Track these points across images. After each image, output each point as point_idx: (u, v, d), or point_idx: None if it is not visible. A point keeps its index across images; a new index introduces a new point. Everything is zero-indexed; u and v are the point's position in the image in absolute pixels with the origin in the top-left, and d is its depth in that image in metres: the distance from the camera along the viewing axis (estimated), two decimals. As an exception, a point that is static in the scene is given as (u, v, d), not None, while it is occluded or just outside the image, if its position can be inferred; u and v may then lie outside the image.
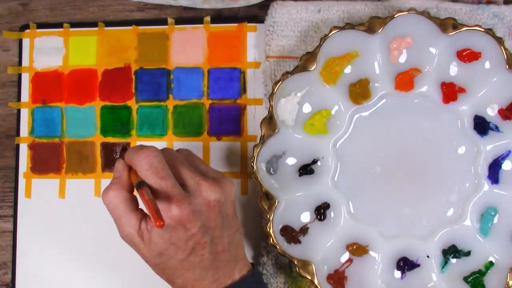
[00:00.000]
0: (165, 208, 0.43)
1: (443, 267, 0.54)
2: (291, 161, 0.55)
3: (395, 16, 0.53)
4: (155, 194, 0.44)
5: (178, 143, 0.60)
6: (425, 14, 0.53)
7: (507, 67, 0.53)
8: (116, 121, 0.61)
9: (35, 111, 0.62)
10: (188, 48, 0.61)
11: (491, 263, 0.53)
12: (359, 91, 0.55)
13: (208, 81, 0.60)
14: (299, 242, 0.54)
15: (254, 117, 0.59)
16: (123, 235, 0.46)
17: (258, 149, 0.54)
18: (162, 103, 0.61)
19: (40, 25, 0.63)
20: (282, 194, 0.54)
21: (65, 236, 0.60)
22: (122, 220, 0.45)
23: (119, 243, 0.59)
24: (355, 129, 0.55)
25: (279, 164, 0.54)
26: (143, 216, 0.46)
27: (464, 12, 0.57)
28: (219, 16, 0.61)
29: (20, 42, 0.63)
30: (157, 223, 0.40)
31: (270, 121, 0.54)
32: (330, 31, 0.54)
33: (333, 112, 0.55)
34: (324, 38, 0.54)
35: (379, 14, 0.57)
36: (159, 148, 0.46)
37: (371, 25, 0.54)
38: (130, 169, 0.46)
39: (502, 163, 0.54)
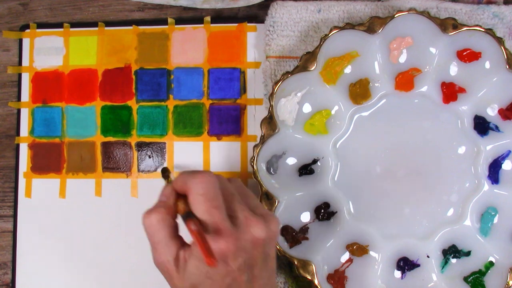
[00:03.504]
0: (210, 240, 0.41)
1: (443, 267, 0.54)
2: (291, 161, 0.55)
3: (395, 16, 0.53)
4: (201, 223, 0.41)
5: (178, 143, 0.60)
6: (425, 14, 0.53)
7: (507, 67, 0.53)
8: (116, 121, 0.61)
9: (35, 111, 0.62)
10: (188, 48, 0.61)
11: (491, 263, 0.53)
12: (359, 91, 0.55)
13: (208, 81, 0.60)
14: (299, 242, 0.54)
15: (254, 117, 0.59)
16: (158, 261, 0.43)
17: (258, 149, 0.54)
18: (162, 103, 0.61)
19: (40, 25, 0.63)
20: (282, 194, 0.54)
21: (65, 236, 0.60)
22: (160, 246, 0.43)
23: (119, 243, 0.60)
24: (355, 129, 0.55)
25: (279, 164, 0.54)
26: (181, 244, 0.43)
27: (464, 12, 0.57)
28: (219, 16, 0.61)
29: (20, 42, 0.63)
30: (210, 263, 0.38)
31: (270, 121, 0.54)
32: (330, 31, 0.54)
33: (333, 112, 0.55)
34: (324, 38, 0.54)
35: (379, 14, 0.57)
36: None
37: (371, 25, 0.54)
38: (178, 196, 0.44)
39: (502, 163, 0.54)
